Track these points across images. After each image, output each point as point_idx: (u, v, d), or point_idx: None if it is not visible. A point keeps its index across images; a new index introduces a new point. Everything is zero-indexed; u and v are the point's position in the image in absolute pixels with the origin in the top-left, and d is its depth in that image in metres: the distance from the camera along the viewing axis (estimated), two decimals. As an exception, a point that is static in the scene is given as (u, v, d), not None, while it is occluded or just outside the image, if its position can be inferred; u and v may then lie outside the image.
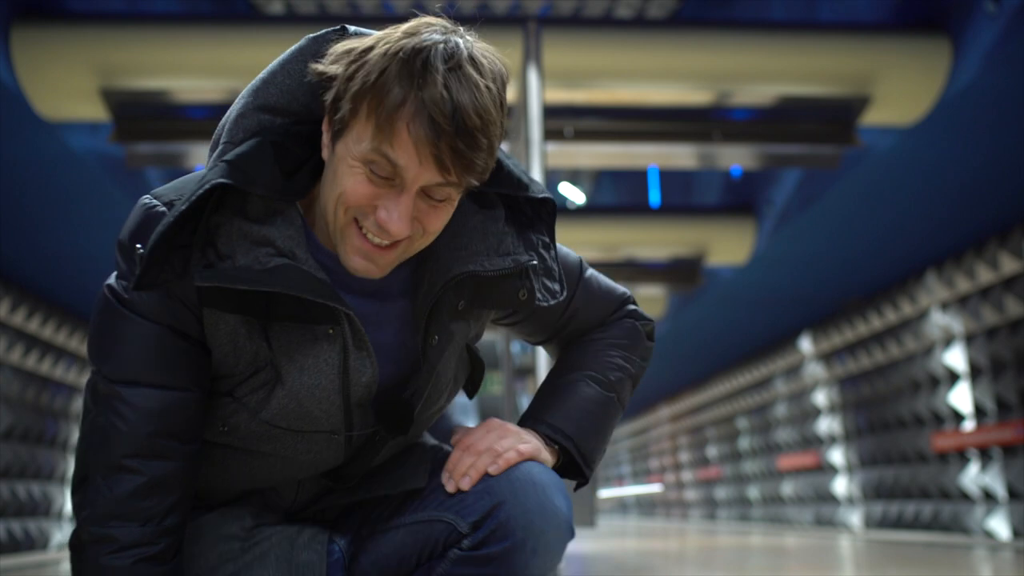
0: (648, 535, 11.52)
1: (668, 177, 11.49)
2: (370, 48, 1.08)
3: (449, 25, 1.12)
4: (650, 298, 11.22)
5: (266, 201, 1.12)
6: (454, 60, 1.06)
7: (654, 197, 12.01)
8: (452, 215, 1.16)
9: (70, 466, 9.63)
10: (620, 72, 5.73)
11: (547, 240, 1.28)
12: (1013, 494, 7.78)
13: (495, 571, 1.16)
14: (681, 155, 6.76)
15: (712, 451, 16.17)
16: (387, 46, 1.07)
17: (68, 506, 9.47)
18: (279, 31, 5.58)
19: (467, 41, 1.11)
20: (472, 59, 1.09)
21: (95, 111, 5.54)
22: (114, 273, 1.18)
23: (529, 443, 1.26)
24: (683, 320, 11.23)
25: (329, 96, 1.10)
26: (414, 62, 1.05)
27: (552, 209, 1.29)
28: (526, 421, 1.34)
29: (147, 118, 5.90)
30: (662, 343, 12.57)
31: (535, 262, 1.24)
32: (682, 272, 9.63)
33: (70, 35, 5.26)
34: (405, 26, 1.10)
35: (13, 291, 8.26)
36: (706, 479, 16.58)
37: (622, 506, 23.97)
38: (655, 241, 8.89)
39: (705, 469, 16.58)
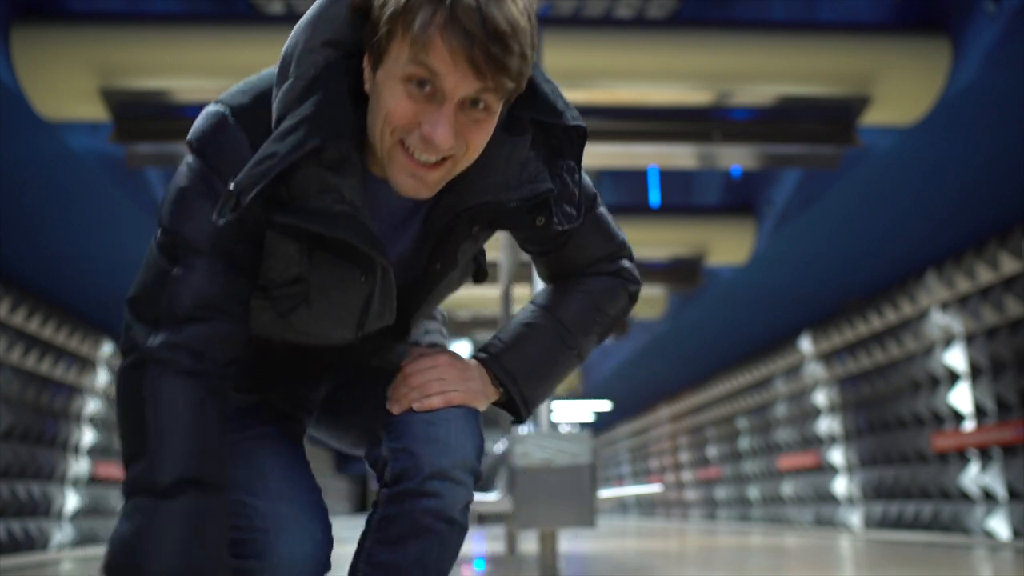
0: (648, 535, 11.52)
1: (668, 177, 11.49)
2: None
3: None
4: (650, 298, 11.22)
5: (340, 150, 1.19)
6: None
7: (654, 197, 12.01)
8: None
9: (71, 466, 9.64)
10: (620, 72, 5.73)
11: (572, 165, 1.32)
12: (1013, 494, 7.78)
13: (399, 511, 1.27)
14: (681, 155, 6.76)
15: (712, 451, 16.17)
16: None
17: (68, 506, 9.47)
18: (279, 31, 5.56)
19: None
20: None
21: (95, 111, 5.54)
22: (189, 159, 1.23)
23: (463, 392, 1.34)
24: (683, 320, 11.23)
25: (368, 27, 1.17)
26: None
27: (583, 135, 1.32)
28: (486, 352, 1.42)
29: (147, 118, 5.90)
30: (662, 343, 12.59)
31: (555, 189, 1.28)
32: (682, 272, 9.63)
33: (70, 35, 5.25)
34: None
35: (13, 291, 8.26)
36: (706, 479, 16.59)
37: (622, 506, 23.97)
38: (655, 241, 8.89)
39: (705, 469, 16.59)
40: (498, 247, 5.98)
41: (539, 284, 4.22)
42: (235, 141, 1.19)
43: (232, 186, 1.13)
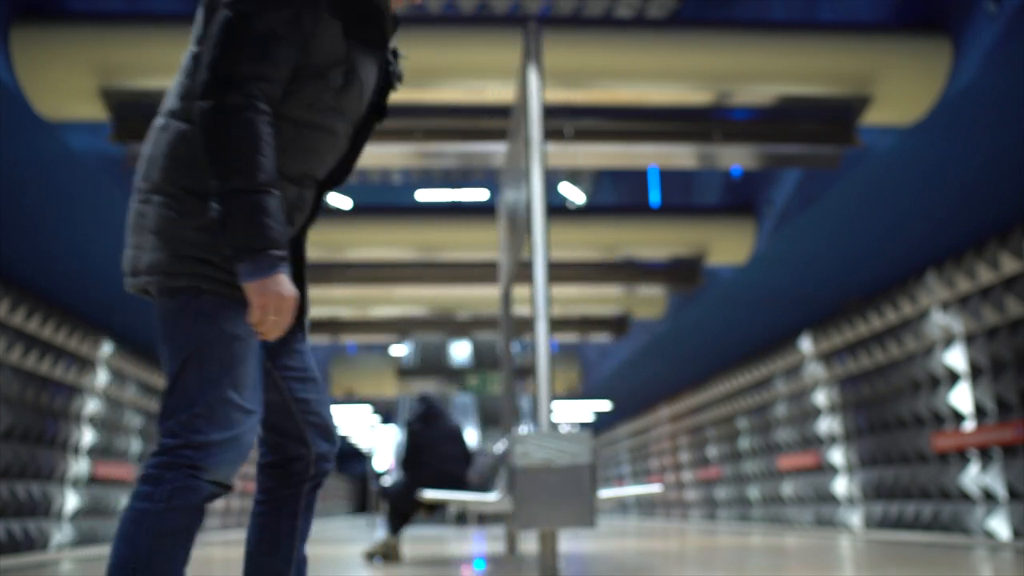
0: (648, 535, 11.52)
1: (668, 177, 11.50)
2: None
3: None
4: (650, 298, 11.23)
5: None
6: None
7: (654, 197, 12.01)
8: None
9: (71, 466, 9.64)
10: (620, 72, 5.73)
11: None
12: (1013, 494, 7.78)
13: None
14: (681, 155, 6.76)
15: (712, 451, 16.17)
16: None
17: (68, 506, 9.47)
18: (279, 31, 5.57)
19: None
20: None
21: (95, 111, 5.54)
22: None
23: None
24: (683, 320, 11.23)
25: None
26: None
27: None
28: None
29: (147, 118, 5.89)
30: (662, 343, 12.59)
31: None
32: (682, 272, 9.64)
33: (70, 35, 5.25)
34: None
35: (13, 291, 8.26)
36: (706, 479, 16.59)
37: (622, 506, 23.97)
38: (655, 241, 8.89)
39: (705, 469, 16.59)
40: (498, 247, 5.98)
41: (539, 284, 4.21)
42: None
43: None
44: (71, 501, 9.62)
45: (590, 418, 22.03)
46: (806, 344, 11.75)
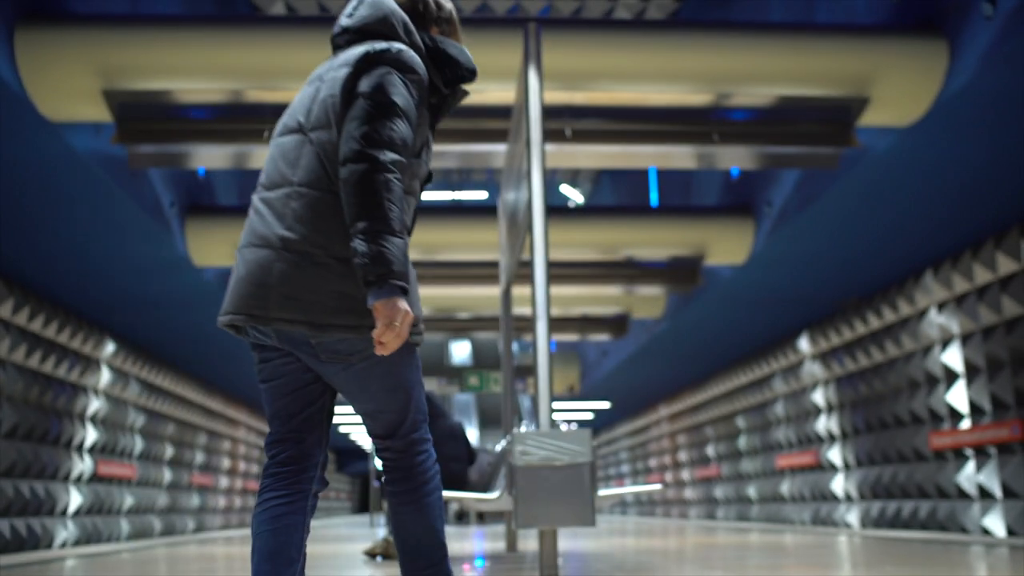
0: (647, 533, 11.56)
1: (668, 177, 11.52)
2: None
3: None
4: (650, 298, 11.26)
5: None
6: None
7: (654, 197, 12.04)
8: None
9: (75, 465, 9.68)
10: (619, 73, 5.76)
11: None
12: (1009, 492, 7.82)
13: None
14: (680, 155, 6.79)
15: (711, 450, 16.21)
16: None
17: (72, 504, 9.51)
18: (280, 32, 5.60)
19: None
20: None
21: (98, 112, 5.56)
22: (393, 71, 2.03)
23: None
24: (682, 320, 11.26)
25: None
26: None
27: None
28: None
29: (149, 119, 5.92)
30: (662, 342, 12.62)
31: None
32: (681, 272, 9.67)
33: (73, 37, 5.27)
34: None
35: (16, 291, 8.30)
36: (705, 478, 16.62)
37: (622, 504, 24.01)
38: (655, 241, 8.92)
39: (704, 468, 16.63)
40: (498, 247, 6.01)
41: (539, 284, 4.25)
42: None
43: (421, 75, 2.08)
44: (75, 499, 9.67)
45: (589, 417, 22.07)
46: (804, 344, 11.79)
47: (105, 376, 10.65)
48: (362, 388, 2.02)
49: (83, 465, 9.98)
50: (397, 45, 2.03)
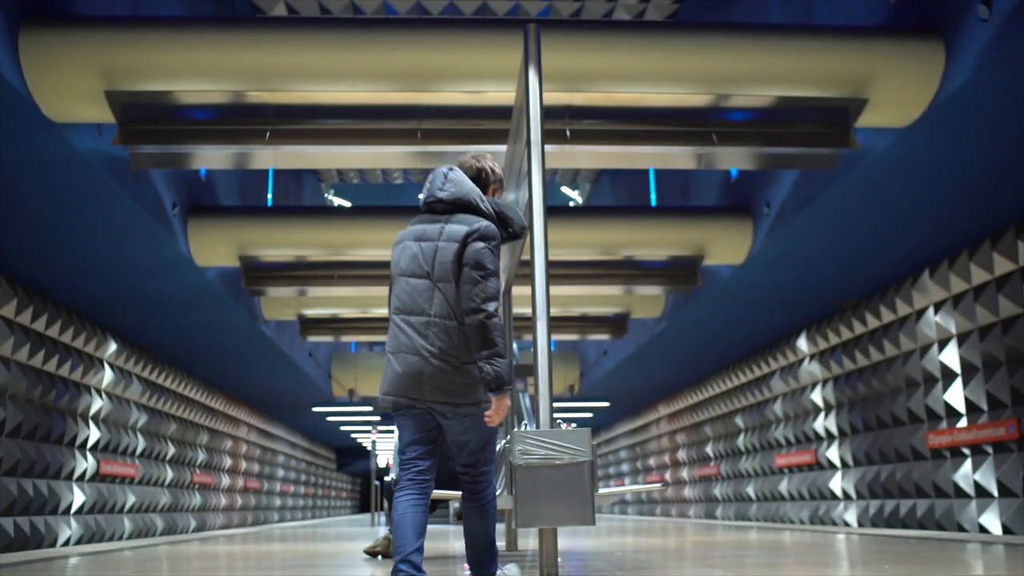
0: (647, 532, 11.59)
1: (667, 177, 11.56)
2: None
3: None
4: (649, 298, 11.29)
5: None
6: None
7: (653, 197, 12.07)
8: None
9: (79, 464, 9.72)
10: (619, 74, 5.79)
11: None
12: (1005, 491, 7.86)
13: None
14: (679, 156, 6.82)
15: (710, 449, 16.24)
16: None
17: (75, 503, 9.54)
18: (282, 33, 5.62)
19: None
20: None
21: (100, 113, 5.59)
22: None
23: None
24: (682, 320, 11.30)
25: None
26: None
27: None
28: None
29: (151, 120, 5.94)
30: (661, 342, 12.65)
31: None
32: (681, 272, 9.70)
33: (76, 38, 5.30)
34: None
35: (20, 291, 8.33)
36: (704, 477, 16.66)
37: (621, 504, 24.04)
38: (654, 241, 8.95)
39: (703, 467, 16.66)
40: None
41: (539, 284, 4.28)
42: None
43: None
44: (78, 497, 9.70)
45: (588, 416, 22.09)
46: (803, 343, 11.82)
47: (107, 376, 10.68)
48: (467, 436, 3.24)
49: (86, 464, 10.02)
50: (484, 223, 3.18)
